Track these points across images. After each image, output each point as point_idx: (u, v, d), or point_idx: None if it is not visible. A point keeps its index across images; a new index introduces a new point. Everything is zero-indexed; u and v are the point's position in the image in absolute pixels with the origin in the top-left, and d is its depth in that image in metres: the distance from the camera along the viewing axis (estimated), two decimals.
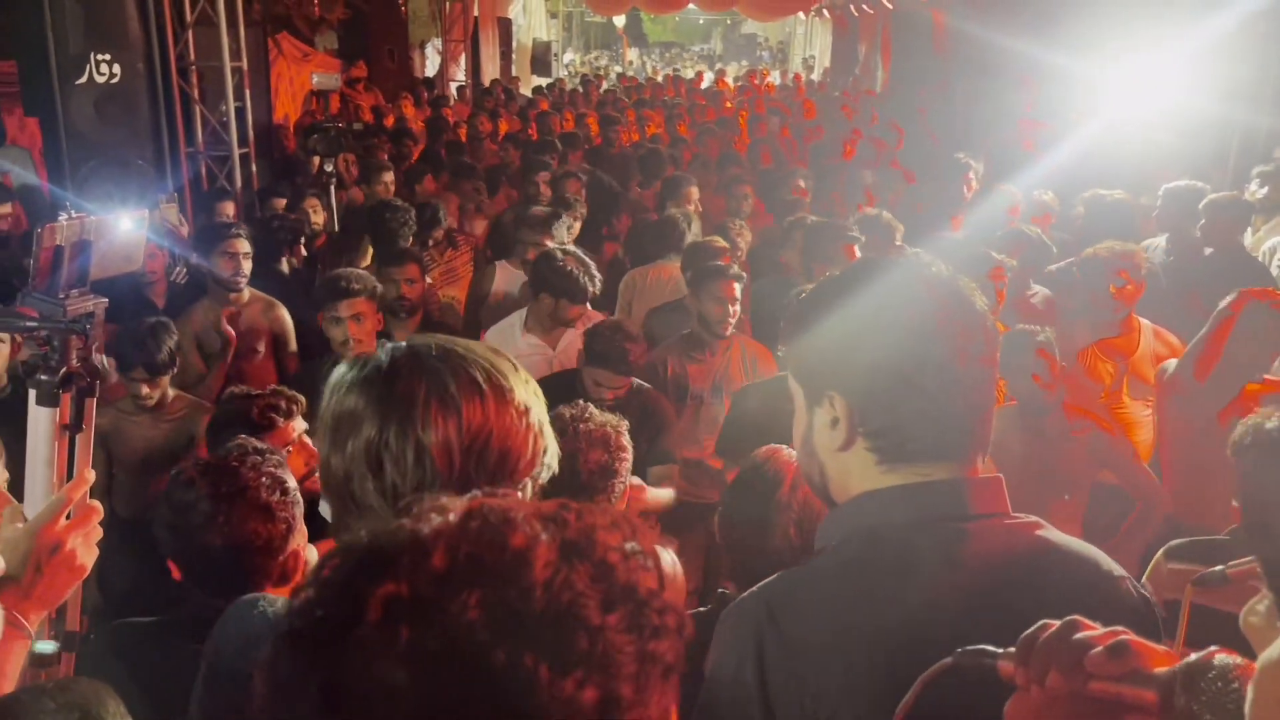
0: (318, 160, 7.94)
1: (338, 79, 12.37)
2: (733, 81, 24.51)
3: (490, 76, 19.24)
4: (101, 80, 6.65)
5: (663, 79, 23.74)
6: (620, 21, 37.40)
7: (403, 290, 4.51)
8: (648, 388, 3.94)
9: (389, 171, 7.36)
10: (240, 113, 8.54)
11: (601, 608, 0.69)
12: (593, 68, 32.90)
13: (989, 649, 0.98)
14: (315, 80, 11.77)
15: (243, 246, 4.74)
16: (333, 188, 7.01)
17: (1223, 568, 1.92)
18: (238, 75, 8.42)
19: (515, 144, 10.29)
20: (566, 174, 7.35)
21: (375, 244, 5.56)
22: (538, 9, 27.36)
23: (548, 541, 0.70)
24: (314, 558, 2.13)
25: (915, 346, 1.30)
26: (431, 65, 19.40)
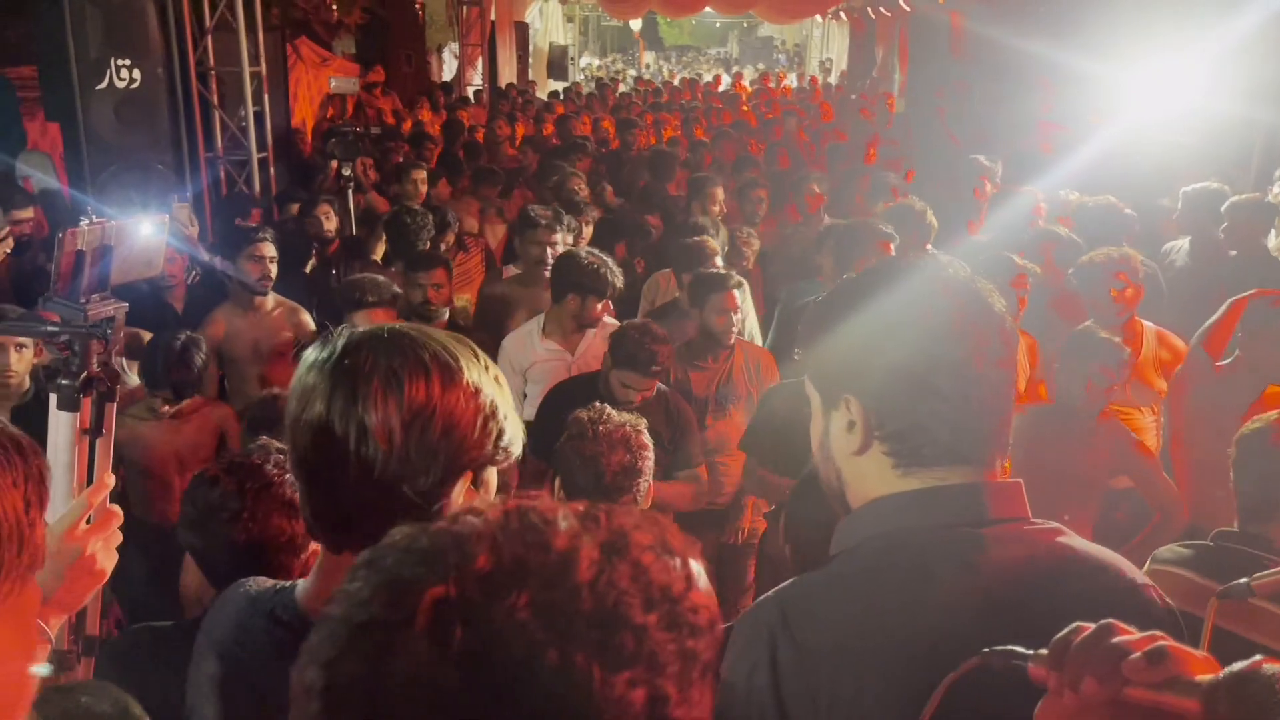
0: (335, 164, 7.96)
1: (355, 83, 12.41)
2: (749, 84, 24.50)
3: (507, 80, 19.28)
4: (122, 85, 6.71)
5: (679, 82, 23.77)
6: (637, 25, 37.44)
7: (429, 295, 4.52)
8: (670, 391, 3.92)
9: (420, 170, 7.35)
10: (259, 117, 8.57)
11: (644, 607, 0.70)
12: (609, 72, 32.92)
13: (1018, 650, 0.97)
14: (333, 85, 11.81)
15: (269, 250, 4.75)
16: (350, 192, 7.02)
17: (1247, 580, 1.82)
18: (256, 80, 8.45)
19: (534, 147, 10.29)
20: (574, 176, 7.31)
21: (394, 248, 5.56)
22: (554, 13, 27.41)
23: (589, 542, 0.71)
24: None
25: (932, 349, 1.28)
26: (449, 70, 19.46)
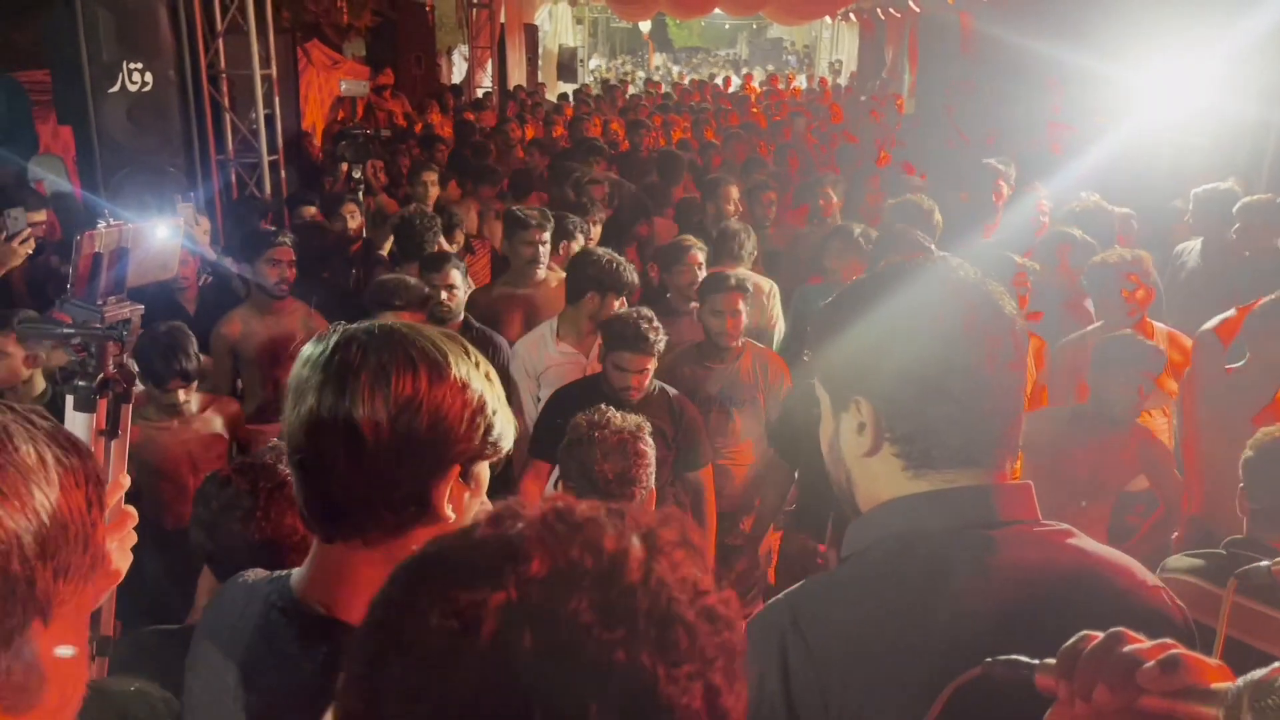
0: (345, 166, 7.99)
1: (365, 86, 12.44)
2: (758, 85, 24.49)
3: (516, 82, 19.30)
4: (133, 88, 6.74)
5: (689, 84, 23.76)
6: (646, 27, 37.48)
7: (443, 296, 4.52)
8: (673, 392, 3.90)
9: (431, 173, 7.34)
10: (270, 120, 8.58)
11: (689, 603, 0.71)
12: (618, 74, 32.93)
13: (1021, 659, 0.96)
14: (343, 87, 11.85)
15: (288, 254, 4.75)
16: (360, 194, 7.03)
17: (1268, 563, 1.77)
18: (267, 83, 8.46)
19: (540, 149, 10.30)
20: (593, 179, 7.32)
21: (402, 250, 5.57)
22: (564, 15, 27.41)
23: (636, 542, 0.72)
24: None
25: (943, 351, 1.28)
26: (458, 72, 19.48)
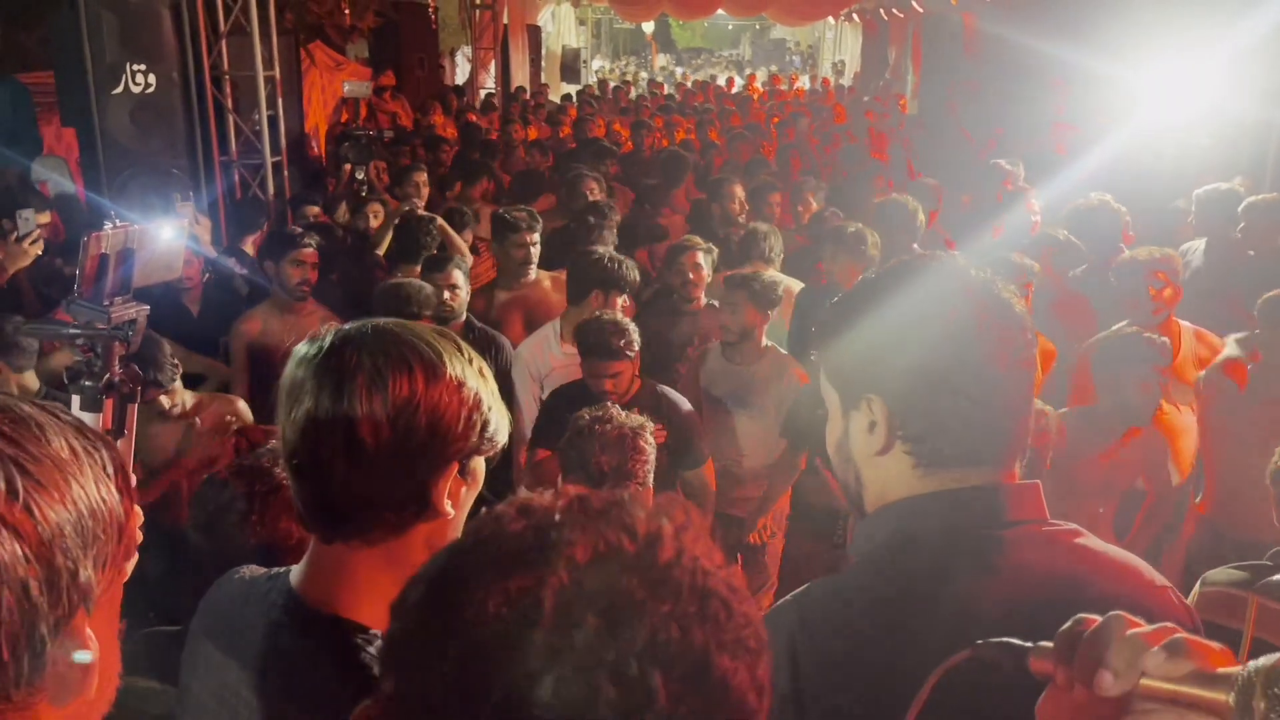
0: (349, 168, 7.99)
1: (368, 87, 12.44)
2: (761, 86, 24.49)
3: (520, 84, 19.31)
4: (137, 90, 6.75)
5: (692, 84, 23.77)
6: (649, 28, 37.49)
7: (445, 296, 4.53)
8: (668, 392, 3.90)
9: (421, 173, 7.31)
10: (273, 121, 8.57)
11: (719, 577, 0.72)
12: (620, 74, 32.94)
13: (1013, 642, 0.95)
14: (346, 89, 11.84)
15: (311, 256, 4.74)
16: (363, 195, 7.04)
17: None
18: (270, 84, 8.46)
19: (541, 150, 10.28)
20: (582, 176, 7.21)
21: (400, 251, 5.56)
22: (567, 16, 27.44)
23: (667, 523, 0.72)
24: None
25: (956, 349, 1.28)
26: (461, 73, 19.50)
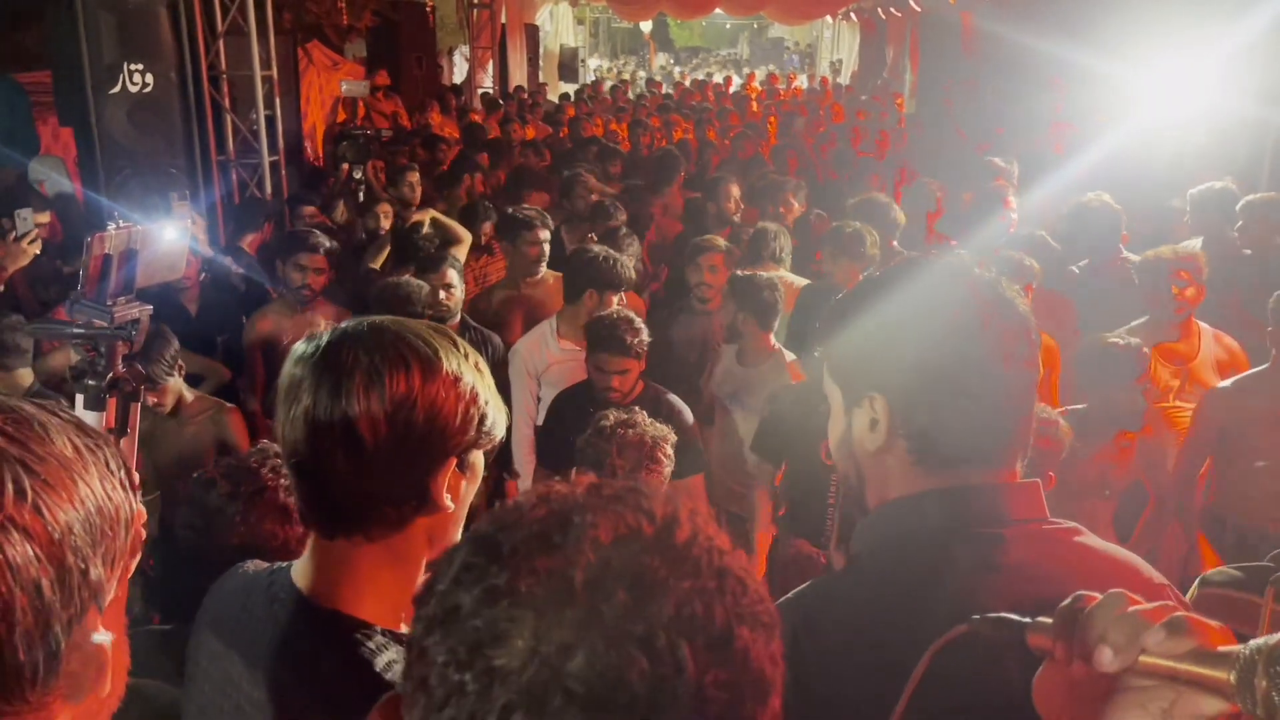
0: (346, 167, 7.98)
1: (366, 87, 12.43)
2: (759, 85, 24.50)
3: (518, 83, 19.31)
4: (134, 90, 6.74)
5: (690, 84, 23.77)
6: (647, 27, 37.48)
7: (440, 295, 4.52)
8: (669, 397, 3.90)
9: (414, 173, 7.31)
10: (270, 121, 8.57)
11: (731, 556, 0.72)
12: (618, 74, 32.93)
13: (1011, 617, 0.95)
14: (344, 88, 11.84)
15: (314, 262, 4.71)
16: (360, 194, 7.03)
17: None
18: (268, 84, 8.45)
19: (537, 150, 10.27)
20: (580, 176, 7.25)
21: (398, 252, 5.56)
22: (565, 15, 27.42)
23: (681, 506, 0.73)
24: None
25: (959, 347, 1.28)
26: (459, 72, 19.49)
